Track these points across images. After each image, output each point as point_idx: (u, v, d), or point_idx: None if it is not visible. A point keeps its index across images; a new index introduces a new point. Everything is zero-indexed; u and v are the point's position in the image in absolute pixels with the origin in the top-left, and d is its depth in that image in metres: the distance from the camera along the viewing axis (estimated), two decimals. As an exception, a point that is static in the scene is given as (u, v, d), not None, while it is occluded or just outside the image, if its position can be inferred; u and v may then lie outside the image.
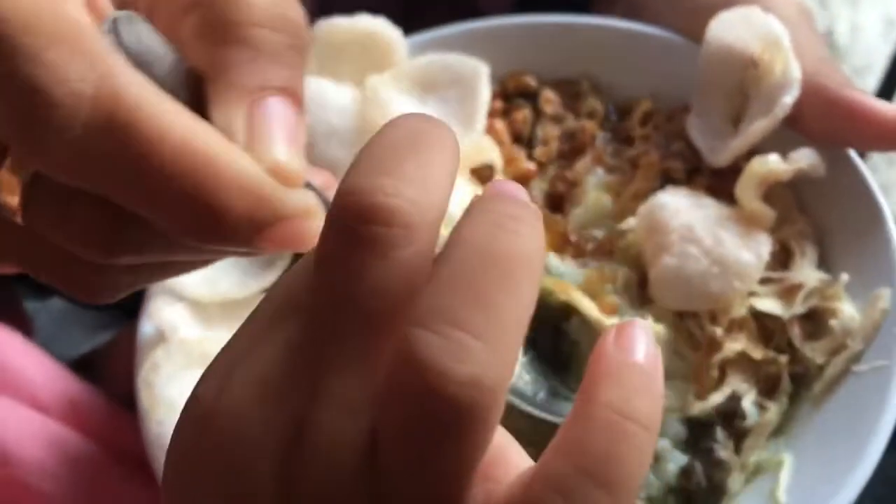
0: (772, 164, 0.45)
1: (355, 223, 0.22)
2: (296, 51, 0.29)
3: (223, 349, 0.25)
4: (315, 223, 0.28)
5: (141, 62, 0.26)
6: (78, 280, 0.31)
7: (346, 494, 0.22)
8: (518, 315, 0.22)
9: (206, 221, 0.26)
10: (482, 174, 0.49)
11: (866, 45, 1.77)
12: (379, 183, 0.22)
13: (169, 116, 0.25)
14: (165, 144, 0.25)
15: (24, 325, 0.52)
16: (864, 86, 1.64)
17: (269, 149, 0.27)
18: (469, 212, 0.23)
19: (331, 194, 0.26)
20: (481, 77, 0.50)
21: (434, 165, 0.24)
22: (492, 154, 0.50)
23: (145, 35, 0.27)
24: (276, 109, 0.28)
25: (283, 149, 0.27)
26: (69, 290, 0.32)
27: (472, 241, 0.22)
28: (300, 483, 0.22)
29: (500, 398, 0.21)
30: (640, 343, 0.23)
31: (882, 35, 1.77)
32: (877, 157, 1.61)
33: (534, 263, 0.22)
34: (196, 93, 0.28)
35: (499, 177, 0.50)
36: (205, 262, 0.34)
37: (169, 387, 0.40)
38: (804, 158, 0.45)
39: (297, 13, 0.29)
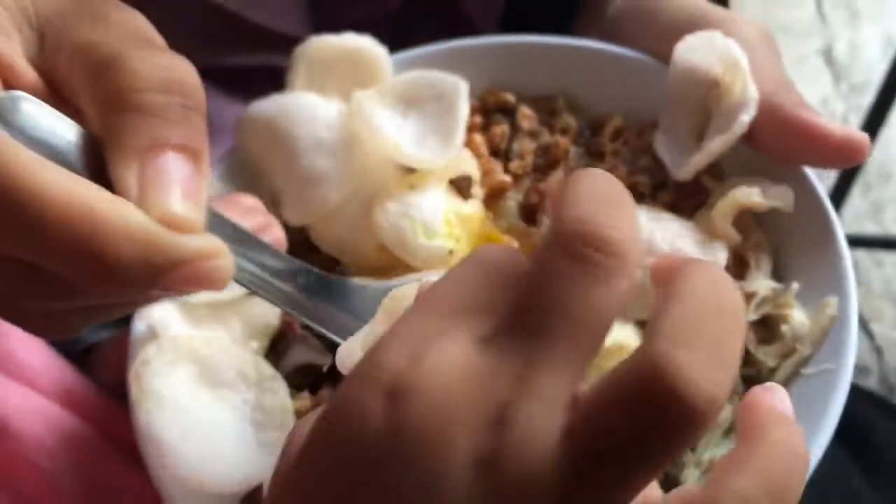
0: (753, 197, 0.47)
1: (580, 245, 0.25)
2: (188, 109, 0.32)
3: (396, 331, 0.27)
4: (219, 262, 0.31)
5: (30, 136, 0.30)
6: (30, 322, 0.34)
7: (547, 484, 0.24)
8: (738, 353, 0.26)
9: (99, 270, 0.29)
10: (459, 184, 0.52)
11: (866, 62, 1.80)
12: (600, 215, 0.26)
13: (48, 179, 0.28)
14: (46, 203, 0.28)
15: None
16: (861, 102, 1.67)
17: (161, 201, 0.30)
18: (687, 267, 0.27)
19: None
20: (461, 93, 0.52)
21: (633, 213, 0.27)
22: (469, 166, 0.52)
23: (34, 111, 0.31)
24: (170, 164, 0.31)
25: (176, 200, 0.30)
26: (26, 330, 0.35)
27: (703, 289, 0.26)
28: (503, 466, 0.24)
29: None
30: (786, 400, 0.29)
31: (881, 53, 1.81)
32: (871, 175, 1.64)
33: (743, 315, 0.27)
34: (102, 159, 0.31)
35: (476, 188, 0.52)
36: (147, 301, 0.37)
37: (157, 381, 0.43)
38: (780, 196, 0.47)
39: (186, 74, 0.32)
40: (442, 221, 0.49)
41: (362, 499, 0.25)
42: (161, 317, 0.46)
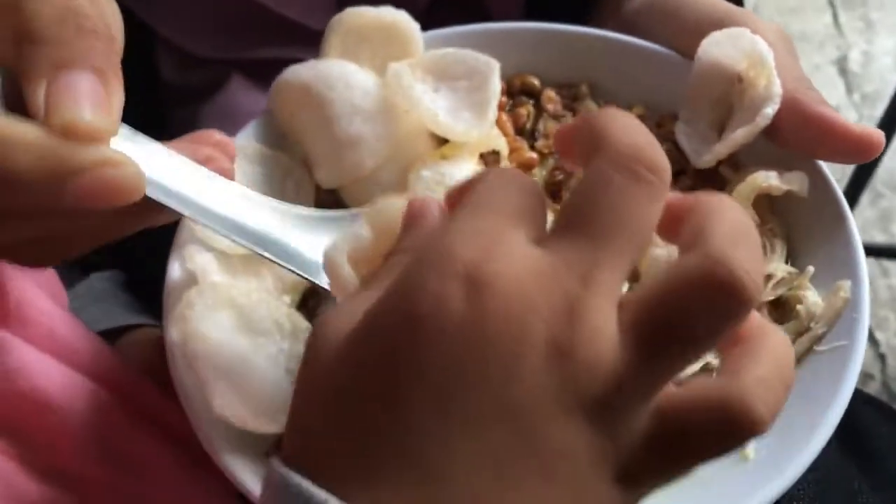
0: (771, 180, 0.50)
1: (637, 165, 0.29)
2: (87, 31, 0.35)
3: (458, 227, 0.30)
4: (123, 171, 0.34)
5: None
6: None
7: (611, 369, 0.27)
8: (763, 261, 0.30)
9: (6, 185, 0.33)
10: (488, 159, 0.54)
11: (879, 73, 1.85)
12: (650, 143, 0.30)
13: None
14: None
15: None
16: (873, 112, 1.72)
17: (63, 113, 0.33)
18: (710, 198, 0.31)
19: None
20: (493, 71, 0.54)
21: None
22: (499, 141, 0.54)
23: None
24: (74, 80, 0.34)
25: (80, 110, 0.34)
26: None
27: (733, 212, 0.30)
28: (575, 353, 0.27)
29: None
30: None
31: (895, 64, 1.86)
32: (880, 185, 1.68)
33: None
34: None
35: (504, 163, 0.54)
36: (103, 236, 0.41)
37: (201, 323, 0.43)
38: (796, 181, 0.50)
39: (83, 4, 0.35)
40: (473, 192, 0.51)
41: (438, 381, 0.27)
42: (200, 263, 0.47)
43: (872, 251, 1.58)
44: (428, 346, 0.27)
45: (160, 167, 0.39)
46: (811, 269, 0.48)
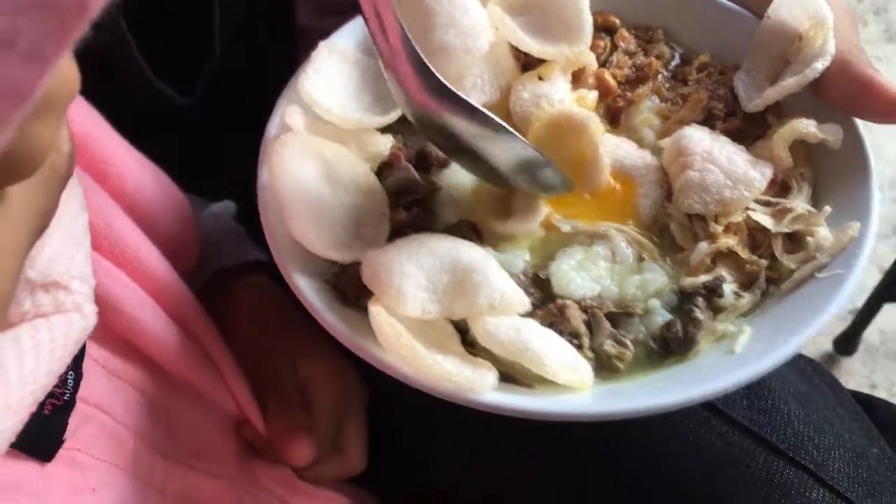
0: (810, 127, 0.55)
1: None
2: None
3: None
4: None
5: None
6: None
7: None
8: None
9: None
10: (578, 76, 0.61)
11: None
12: None
13: None
14: None
15: None
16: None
17: None
18: None
19: None
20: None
21: None
22: (589, 58, 0.61)
23: None
24: None
25: None
26: None
27: None
28: None
29: None
30: None
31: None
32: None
33: None
34: None
35: (590, 78, 0.61)
36: None
37: (292, 163, 0.52)
38: (831, 132, 0.55)
39: None
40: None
41: None
42: (298, 121, 0.55)
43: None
44: None
45: None
46: (828, 209, 0.53)
